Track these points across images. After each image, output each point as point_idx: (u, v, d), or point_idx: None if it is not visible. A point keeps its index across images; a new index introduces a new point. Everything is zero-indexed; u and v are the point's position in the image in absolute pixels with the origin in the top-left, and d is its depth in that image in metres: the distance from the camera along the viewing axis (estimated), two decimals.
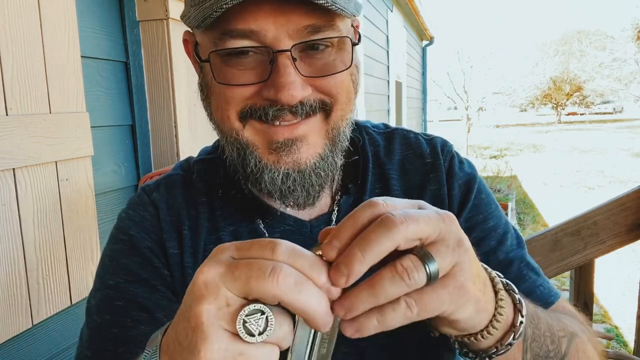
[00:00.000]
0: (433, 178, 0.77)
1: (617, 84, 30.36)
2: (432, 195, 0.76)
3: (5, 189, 1.20)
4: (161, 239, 0.73)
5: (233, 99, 0.62)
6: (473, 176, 0.78)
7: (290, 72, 0.59)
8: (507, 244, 0.75)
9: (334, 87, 0.63)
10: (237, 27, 0.58)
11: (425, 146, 0.80)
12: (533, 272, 0.75)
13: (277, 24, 0.57)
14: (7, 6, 1.19)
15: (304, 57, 0.61)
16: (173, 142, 1.81)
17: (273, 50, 0.58)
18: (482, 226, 0.75)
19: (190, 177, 0.78)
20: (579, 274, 1.69)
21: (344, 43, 0.63)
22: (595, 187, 10.37)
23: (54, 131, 1.33)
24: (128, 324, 0.68)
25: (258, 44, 0.59)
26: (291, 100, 0.59)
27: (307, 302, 0.39)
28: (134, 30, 1.76)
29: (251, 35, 0.58)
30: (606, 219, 1.57)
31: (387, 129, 0.84)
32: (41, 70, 1.29)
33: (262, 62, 0.60)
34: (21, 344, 1.28)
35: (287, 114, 0.61)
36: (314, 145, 0.64)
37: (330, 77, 0.62)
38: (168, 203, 0.75)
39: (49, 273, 1.33)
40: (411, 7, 8.65)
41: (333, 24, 0.60)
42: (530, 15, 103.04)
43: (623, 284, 4.73)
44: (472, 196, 0.76)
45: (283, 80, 0.58)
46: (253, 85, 0.61)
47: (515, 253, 0.75)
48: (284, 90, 0.58)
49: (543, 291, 0.73)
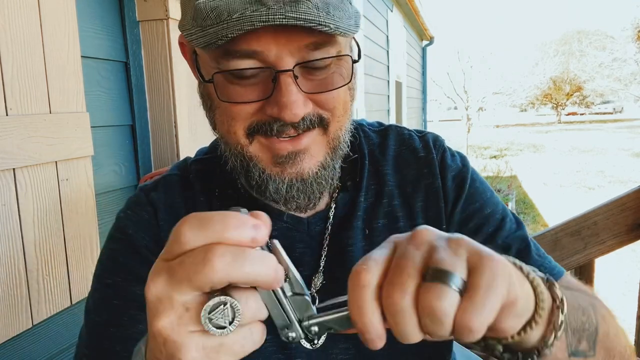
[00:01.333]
0: (427, 172, 0.78)
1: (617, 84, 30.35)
2: (426, 189, 0.77)
3: (5, 189, 1.20)
4: (160, 238, 0.73)
5: (239, 115, 0.63)
6: (465, 167, 0.80)
7: (292, 90, 0.59)
8: (505, 228, 0.76)
9: (331, 102, 0.64)
10: (241, 48, 0.58)
11: (418, 142, 0.82)
12: (534, 252, 0.75)
13: (279, 43, 0.58)
14: (7, 6, 1.19)
15: (305, 73, 0.62)
16: (173, 142, 1.81)
17: (275, 70, 0.59)
18: (479, 214, 0.77)
19: (188, 177, 0.79)
20: (579, 274, 1.69)
21: (343, 61, 0.63)
22: (595, 187, 10.37)
23: (54, 131, 1.33)
24: (125, 322, 0.68)
25: (261, 64, 0.59)
26: (294, 118, 0.60)
27: (254, 272, 0.38)
28: (134, 30, 1.76)
29: (254, 55, 0.59)
30: (606, 219, 1.57)
31: (381, 127, 0.85)
32: (41, 70, 1.29)
33: (264, 79, 0.61)
34: (21, 344, 1.28)
35: (290, 129, 0.63)
36: (316, 155, 0.66)
37: (330, 93, 0.63)
38: (166, 203, 0.76)
39: (49, 273, 1.33)
40: (411, 7, 8.64)
41: (334, 40, 0.61)
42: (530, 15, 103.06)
43: (623, 284, 4.73)
44: (467, 186, 0.77)
45: (285, 99, 0.59)
46: (256, 102, 0.62)
47: (514, 236, 0.76)
48: (287, 110, 0.59)
49: (546, 269, 0.73)
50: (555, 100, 37.36)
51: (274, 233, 0.74)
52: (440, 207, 0.76)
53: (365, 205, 0.76)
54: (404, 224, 0.76)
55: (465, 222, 0.76)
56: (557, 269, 0.75)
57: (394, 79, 7.79)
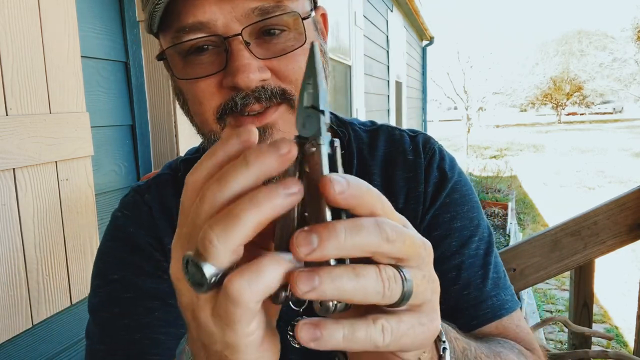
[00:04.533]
0: (412, 176, 0.77)
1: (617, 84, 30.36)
2: (408, 191, 0.76)
3: (5, 189, 1.20)
4: (158, 235, 0.74)
5: (204, 95, 0.63)
6: (449, 175, 0.77)
7: (244, 55, 0.59)
8: (470, 247, 0.73)
9: (292, 73, 0.62)
10: (188, 22, 0.59)
11: (408, 143, 0.80)
12: (490, 282, 0.72)
13: (224, 11, 0.58)
14: (7, 6, 1.19)
15: (260, 42, 0.61)
16: (173, 142, 1.81)
17: (224, 37, 0.59)
18: (446, 225, 0.74)
19: (178, 175, 0.79)
20: (579, 274, 1.69)
21: (298, 24, 0.62)
22: (595, 187, 10.37)
23: (54, 131, 1.33)
24: (140, 312, 0.68)
25: (210, 34, 0.59)
26: (249, 82, 0.59)
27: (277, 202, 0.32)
28: (134, 30, 1.76)
29: (202, 27, 0.59)
30: (606, 219, 1.57)
31: (373, 126, 0.84)
32: (41, 70, 1.29)
33: (219, 53, 0.61)
34: (21, 344, 1.28)
35: (253, 101, 0.61)
36: (286, 132, 0.64)
37: (288, 61, 0.62)
38: (160, 202, 0.76)
39: (49, 273, 1.33)
40: (411, 7, 8.65)
41: (281, 5, 0.60)
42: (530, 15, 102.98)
43: (623, 284, 4.73)
44: (444, 194, 0.75)
45: (237, 64, 0.59)
46: (213, 76, 0.61)
47: (475, 259, 0.73)
48: (240, 74, 0.58)
49: (495, 302, 0.71)
50: (555, 100, 37.34)
51: None
52: (418, 210, 0.75)
53: None
54: None
55: (430, 229, 0.74)
56: (508, 305, 0.72)
57: (394, 79, 7.79)
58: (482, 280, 0.72)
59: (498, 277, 0.74)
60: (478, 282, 0.71)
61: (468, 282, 0.71)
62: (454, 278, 0.71)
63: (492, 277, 0.73)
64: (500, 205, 7.45)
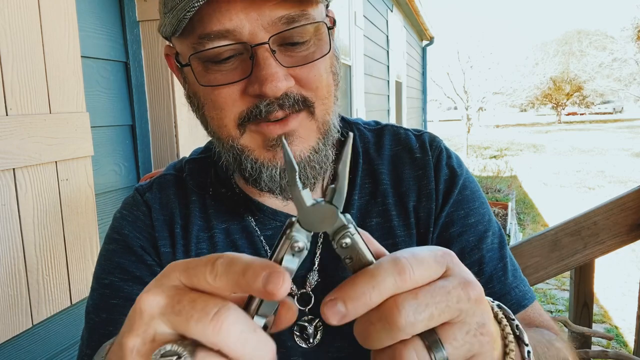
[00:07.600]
0: (422, 174, 0.77)
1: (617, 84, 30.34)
2: (419, 189, 0.77)
3: (5, 189, 1.20)
4: (153, 237, 0.74)
5: (225, 103, 0.62)
6: (459, 172, 0.78)
7: (271, 63, 0.59)
8: (486, 241, 0.75)
9: (313, 81, 0.63)
10: (213, 30, 0.58)
11: (414, 141, 0.81)
12: (510, 274, 0.74)
13: (251, 19, 0.58)
14: (7, 6, 1.19)
15: (284, 50, 0.61)
16: (173, 142, 1.81)
17: (251, 45, 0.59)
18: (462, 222, 0.75)
19: (182, 176, 0.79)
20: (579, 274, 1.69)
21: (320, 33, 0.63)
22: (595, 187, 10.37)
23: (54, 131, 1.33)
24: (124, 321, 0.68)
25: (235, 42, 0.59)
26: (276, 91, 0.59)
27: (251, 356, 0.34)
28: (134, 30, 1.76)
29: (228, 35, 0.58)
30: (606, 219, 1.57)
31: (377, 126, 0.85)
32: (41, 70, 1.29)
33: (243, 61, 0.61)
34: (21, 344, 1.28)
35: (277, 109, 0.61)
36: (306, 139, 0.65)
37: (310, 69, 0.62)
38: (161, 202, 0.76)
39: (49, 273, 1.33)
40: (411, 7, 8.64)
41: (306, 13, 0.60)
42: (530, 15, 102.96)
43: (623, 284, 4.73)
44: (456, 191, 0.76)
45: (265, 72, 0.58)
46: (237, 83, 0.61)
47: (493, 253, 0.75)
48: (267, 83, 0.58)
49: (517, 294, 0.73)
50: (555, 100, 37.34)
51: (268, 232, 0.74)
52: (431, 208, 0.75)
53: (359, 204, 0.76)
54: (397, 223, 0.75)
55: (447, 227, 0.75)
56: (529, 295, 0.74)
57: (394, 79, 7.79)
58: (502, 273, 0.74)
59: (515, 269, 0.76)
60: (500, 275, 0.73)
61: (491, 276, 0.73)
62: (477, 273, 0.72)
63: (510, 270, 0.75)
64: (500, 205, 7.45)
